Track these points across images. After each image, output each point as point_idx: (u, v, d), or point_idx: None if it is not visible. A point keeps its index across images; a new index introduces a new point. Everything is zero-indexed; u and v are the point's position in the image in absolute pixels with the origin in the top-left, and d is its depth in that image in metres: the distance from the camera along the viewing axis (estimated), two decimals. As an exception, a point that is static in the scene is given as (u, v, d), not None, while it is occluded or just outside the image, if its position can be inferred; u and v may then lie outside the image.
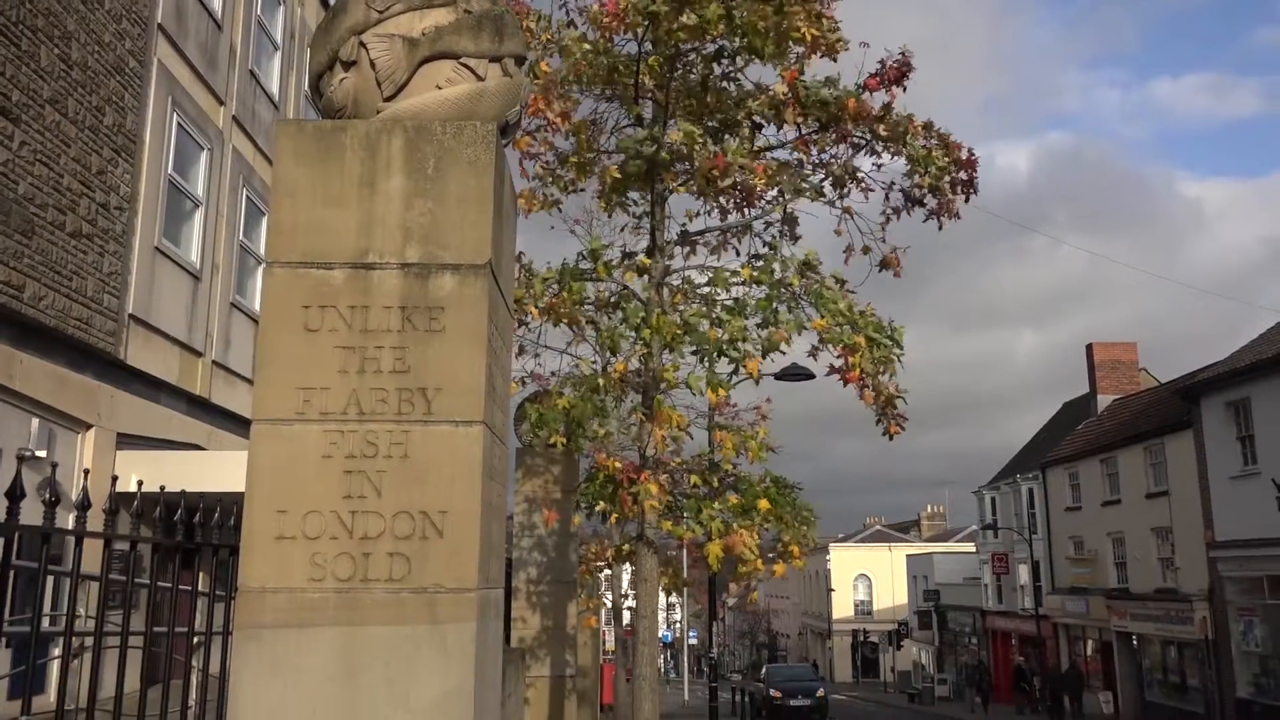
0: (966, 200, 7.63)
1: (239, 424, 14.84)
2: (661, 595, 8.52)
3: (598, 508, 7.73)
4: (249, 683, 3.17)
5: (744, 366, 7.40)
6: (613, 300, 8.50)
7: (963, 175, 7.48)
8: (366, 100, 3.65)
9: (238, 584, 3.23)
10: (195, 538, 3.33)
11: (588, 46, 7.55)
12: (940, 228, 7.78)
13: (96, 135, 10.82)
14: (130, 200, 11.62)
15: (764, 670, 38.99)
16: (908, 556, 63.00)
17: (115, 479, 2.87)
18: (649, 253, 8.38)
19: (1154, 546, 31.81)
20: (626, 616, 24.95)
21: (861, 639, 62.75)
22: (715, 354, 7.28)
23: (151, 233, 12.07)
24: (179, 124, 12.74)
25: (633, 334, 7.70)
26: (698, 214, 8.44)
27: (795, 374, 18.00)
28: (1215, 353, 31.02)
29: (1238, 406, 27.18)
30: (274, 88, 16.43)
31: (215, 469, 11.19)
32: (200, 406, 13.67)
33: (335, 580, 3.23)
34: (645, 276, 8.17)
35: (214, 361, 14.02)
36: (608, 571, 17.87)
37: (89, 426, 10.84)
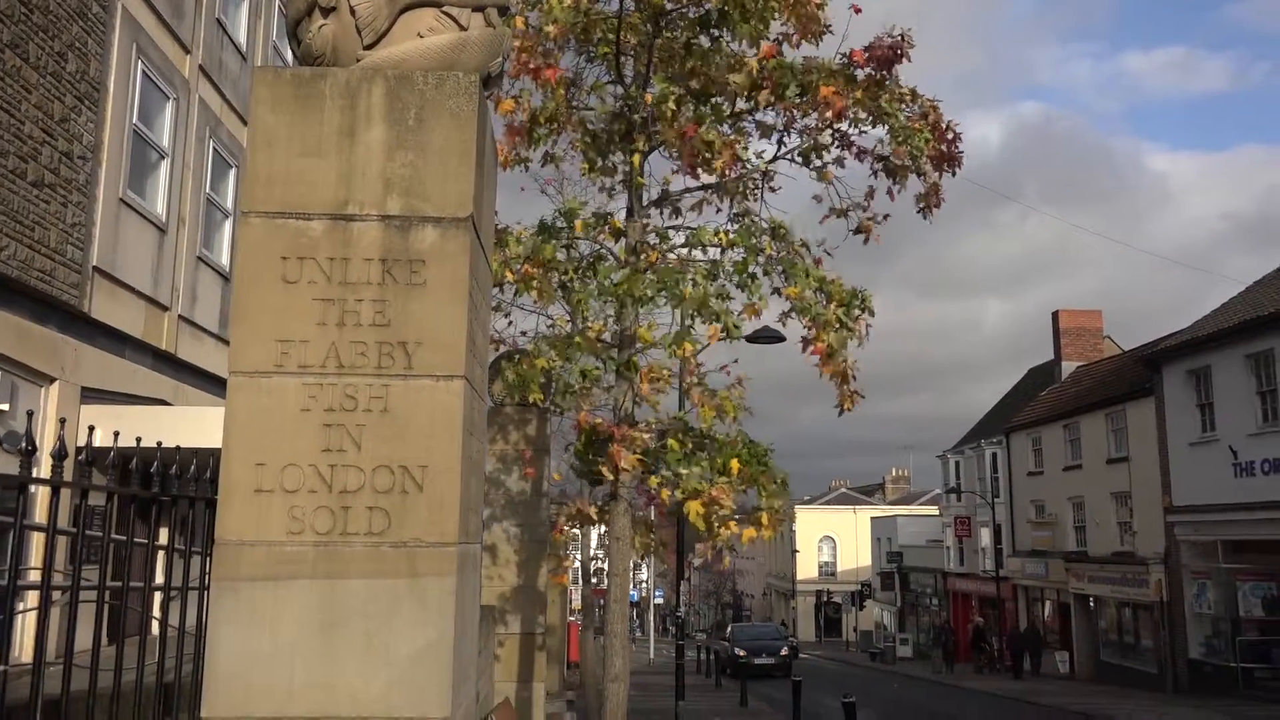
0: (954, 174, 7.63)
1: (206, 380, 14.69)
2: (634, 556, 8.56)
3: (595, 467, 7.70)
4: (227, 635, 3.16)
5: (720, 321, 7.42)
6: (588, 261, 8.45)
7: (943, 149, 7.47)
8: (346, 48, 3.57)
9: (215, 537, 3.21)
10: (172, 490, 3.29)
11: (568, 3, 7.44)
12: (927, 217, 7.79)
13: (59, 82, 10.55)
14: (94, 150, 11.37)
15: (730, 629, 39.50)
16: (872, 519, 63.84)
17: (92, 429, 2.83)
18: (627, 214, 8.34)
19: (1113, 511, 32.43)
20: (594, 578, 25.14)
21: (825, 599, 63.72)
22: (692, 313, 7.29)
23: (116, 184, 11.83)
24: (144, 72, 12.45)
25: (606, 296, 7.68)
26: (675, 172, 8.39)
27: (766, 337, 18.08)
28: (1178, 323, 31.48)
29: (1198, 375, 27.63)
30: (241, 38, 16.09)
31: (182, 424, 11.08)
32: (166, 361, 13.50)
33: (314, 533, 3.21)
34: (622, 240, 8.13)
35: (180, 316, 13.83)
36: (575, 532, 17.97)
37: (52, 380, 10.68)
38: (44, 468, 7.64)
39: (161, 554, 3.63)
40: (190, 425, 10.77)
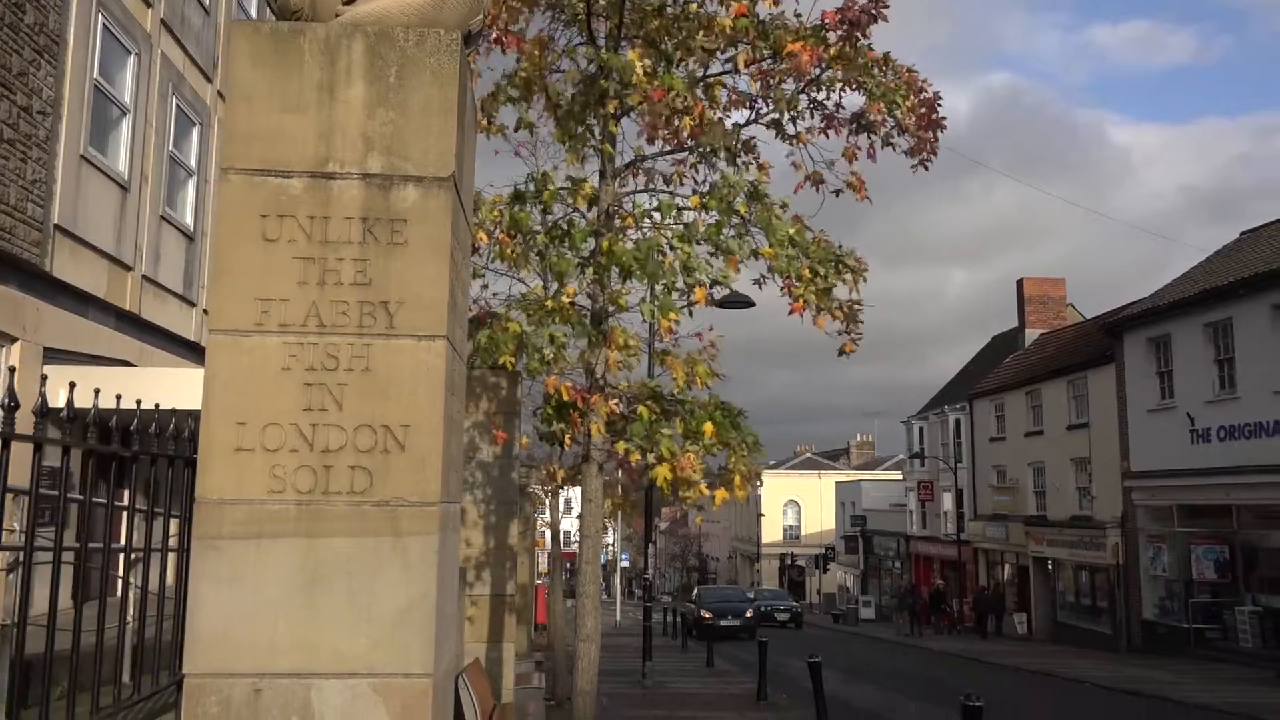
0: (936, 139, 7.64)
1: (171, 341, 14.51)
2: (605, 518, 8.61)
3: (554, 428, 7.74)
4: (208, 593, 3.16)
5: (694, 293, 7.43)
6: (561, 225, 8.41)
7: (924, 111, 7.48)
8: (325, 2, 3.52)
9: (196, 495, 3.20)
10: (151, 448, 3.27)
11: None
12: (915, 168, 7.78)
13: (16, 34, 10.28)
14: (54, 105, 11.11)
15: (696, 592, 39.91)
16: (836, 483, 64.54)
17: (73, 385, 2.80)
18: (599, 178, 8.30)
19: (1072, 476, 33.02)
20: (562, 540, 25.28)
21: (789, 562, 64.48)
22: (670, 283, 7.29)
23: (77, 140, 11.58)
24: (104, 25, 12.16)
25: (581, 259, 7.66)
26: (651, 139, 8.35)
27: (736, 302, 18.13)
28: (1139, 292, 31.97)
29: (1158, 342, 28.08)
30: (205, -9, 15.72)
31: (148, 385, 10.94)
32: (130, 322, 13.31)
33: (296, 492, 3.21)
34: (594, 206, 8.10)
35: (144, 276, 13.62)
36: (543, 497, 18.03)
37: (14, 340, 10.50)
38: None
39: (139, 514, 3.61)
40: (157, 386, 10.64)
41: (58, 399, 3.06)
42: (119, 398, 3.14)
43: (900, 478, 54.06)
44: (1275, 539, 24.12)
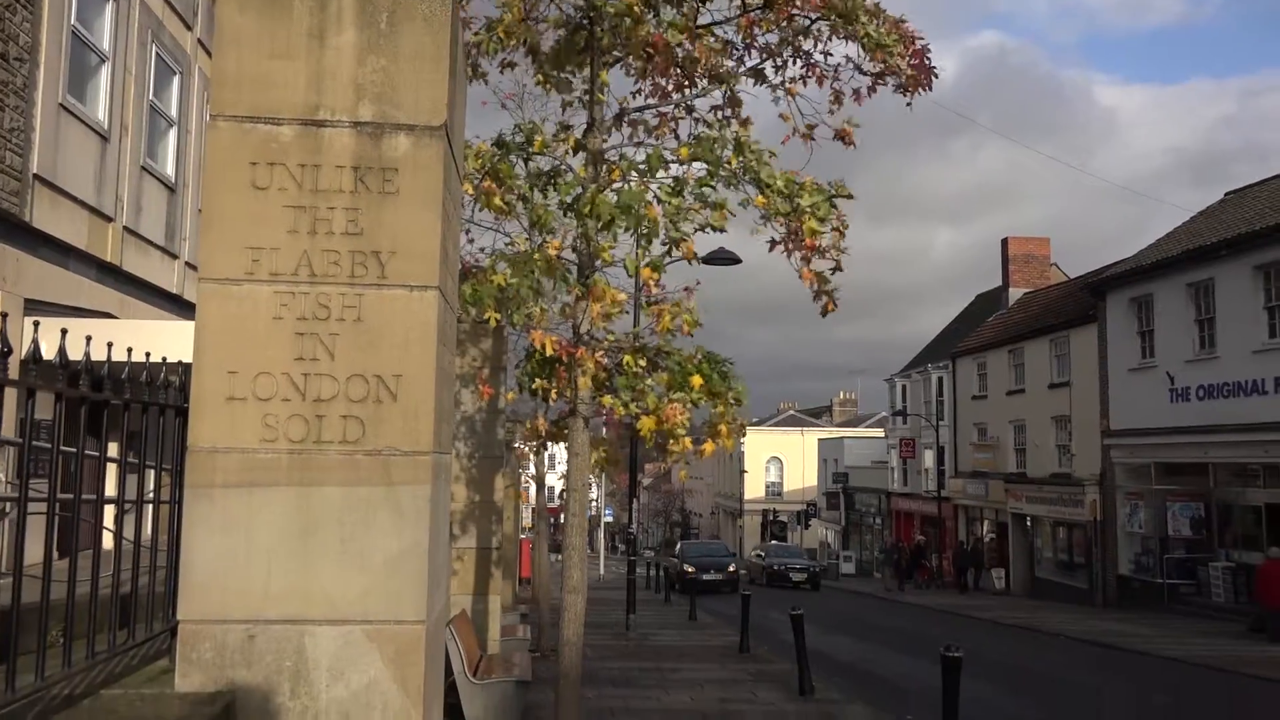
0: (930, 89, 7.58)
1: (152, 293, 14.39)
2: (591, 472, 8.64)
3: (535, 384, 7.74)
4: (202, 541, 3.18)
5: (680, 247, 7.41)
6: (547, 175, 8.36)
7: (914, 63, 7.42)
8: (314, -54, 3.46)
9: (188, 444, 3.20)
10: (142, 397, 3.26)
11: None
12: (909, 103, 7.70)
13: (-8, -22, 10.06)
14: (31, 51, 10.91)
15: (679, 547, 40.26)
16: (819, 440, 64.96)
17: (64, 333, 2.78)
18: (586, 130, 8.23)
19: (1053, 434, 33.35)
20: (547, 495, 25.41)
21: (771, 518, 65.02)
22: (652, 235, 7.25)
23: (55, 88, 11.39)
24: (82, -30, 11.91)
25: (565, 212, 7.61)
26: (637, 90, 8.27)
27: (722, 259, 18.11)
28: (1122, 253, 32.11)
29: (1140, 302, 28.25)
30: (183, -64, 15.40)
31: (132, 337, 10.88)
32: (111, 274, 13.18)
33: (288, 441, 3.22)
34: (582, 153, 8.03)
35: (125, 228, 13.47)
36: (530, 453, 18.09)
37: (-5, 291, 10.40)
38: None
39: (127, 464, 3.61)
40: (141, 338, 10.58)
41: (64, 344, 3.04)
42: (110, 346, 3.13)
43: (882, 435, 54.46)
44: (1249, 496, 24.49)
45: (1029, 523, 35.43)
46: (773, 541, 52.38)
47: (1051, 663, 17.16)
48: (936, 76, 7.47)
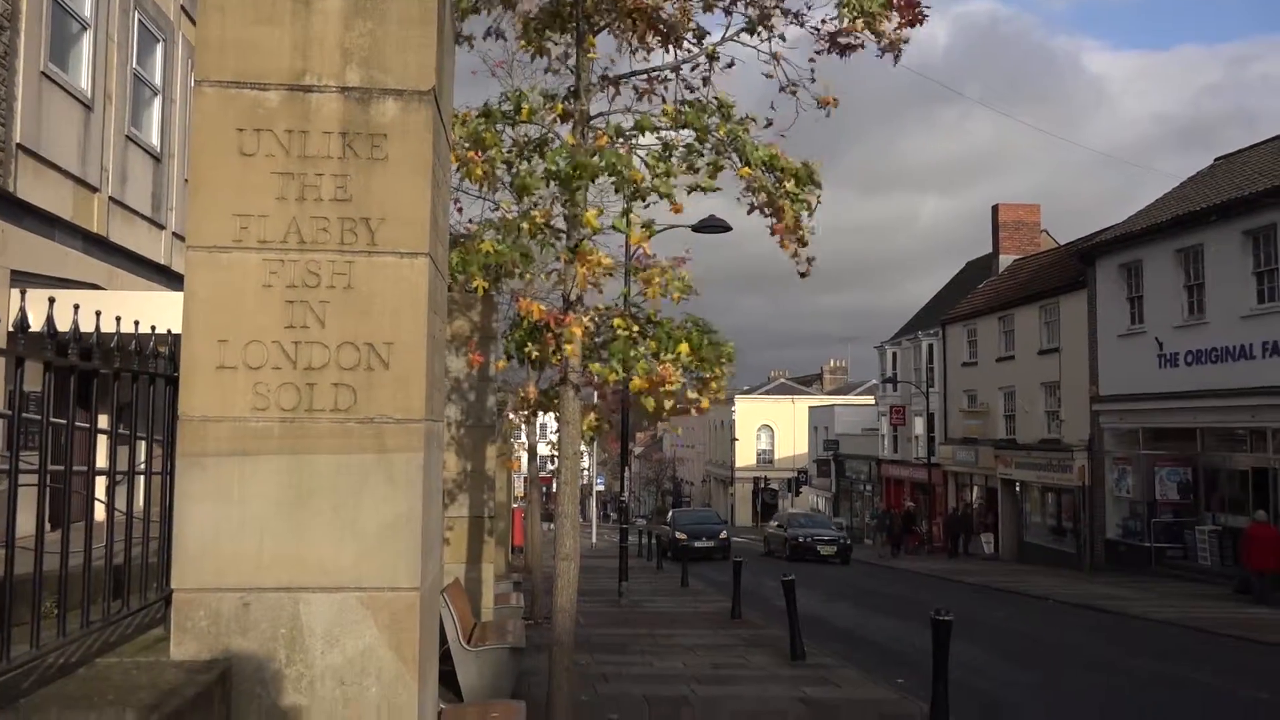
0: (919, 24, 7.47)
1: (140, 264, 14.30)
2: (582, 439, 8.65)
3: (524, 350, 7.73)
4: (194, 510, 3.18)
5: (669, 200, 7.40)
6: (535, 143, 8.30)
7: (898, 18, 7.34)
8: (297, -93, 3.41)
9: (179, 413, 3.19)
10: (132, 366, 3.25)
11: None
12: (895, 62, 7.64)
13: (-30, -57, 9.90)
14: (11, 19, 10.75)
15: (670, 514, 40.43)
16: (809, 408, 65.19)
17: (52, 301, 2.76)
18: (574, 95, 8.16)
19: (1042, 400, 33.51)
20: (538, 464, 25.46)
21: (762, 486, 65.35)
22: (639, 196, 7.24)
23: (37, 56, 11.24)
24: (61, -65, 11.72)
25: (551, 179, 7.57)
26: (623, 54, 8.20)
27: (713, 226, 18.06)
28: (1110, 222, 32.06)
29: (1130, 268, 28.30)
30: (164, -100, 15.15)
31: (120, 307, 10.82)
32: (98, 245, 13.09)
33: (279, 410, 3.21)
34: (570, 122, 7.98)
35: (111, 198, 13.36)
36: (520, 423, 18.11)
37: (-20, 262, 10.32)
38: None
39: (118, 435, 3.60)
40: (129, 308, 10.52)
41: (52, 312, 3.02)
42: (98, 315, 3.11)
43: (873, 402, 54.65)
44: (1236, 461, 24.69)
45: (1018, 488, 35.69)
46: (793, 509, 47.18)
47: (1039, 625, 17.35)
48: (923, 21, 7.35)
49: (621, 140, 7.90)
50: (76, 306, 2.94)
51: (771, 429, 71.64)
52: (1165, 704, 10.62)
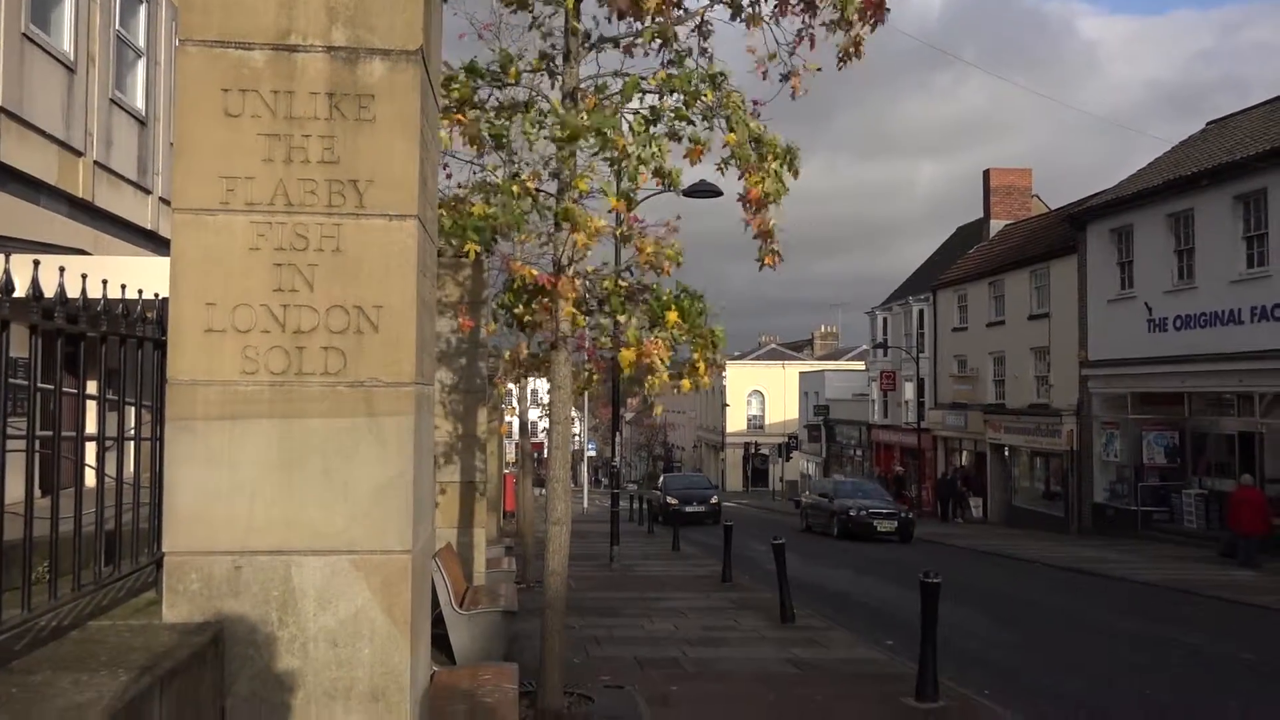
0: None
1: (127, 230, 14.19)
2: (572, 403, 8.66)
3: (516, 312, 7.72)
4: (185, 474, 3.17)
5: (660, 172, 7.37)
6: (522, 105, 8.23)
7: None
8: None
9: (167, 377, 3.18)
10: (119, 329, 3.22)
11: None
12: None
13: (-53, -99, 9.71)
14: (-9, -21, 10.58)
15: (661, 480, 40.60)
16: (800, 374, 65.31)
17: (37, 263, 2.73)
18: (563, 59, 8.09)
19: (1032, 365, 33.63)
20: (529, 430, 25.59)
21: (753, 451, 65.65)
22: (627, 164, 7.20)
23: (17, 16, 11.07)
24: (40, -107, 11.51)
25: (536, 135, 7.52)
26: (612, 22, 8.11)
27: (703, 191, 17.96)
28: (1102, 186, 32.00)
29: (1120, 233, 28.31)
30: None
31: (108, 272, 10.75)
32: (84, 210, 12.97)
33: (269, 373, 3.20)
34: (557, 85, 7.91)
35: (96, 162, 13.22)
36: (511, 386, 18.12)
37: (-36, 227, 10.22)
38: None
39: (106, 400, 3.59)
40: (117, 273, 10.45)
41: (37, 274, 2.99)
42: (84, 277, 3.08)
43: (863, 368, 54.79)
44: (1223, 425, 24.86)
45: (1007, 453, 35.91)
46: (835, 477, 40.38)
47: (1027, 587, 17.53)
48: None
49: (609, 102, 7.84)
50: (62, 269, 2.91)
51: (762, 394, 71.81)
52: (1149, 663, 10.77)
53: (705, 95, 7.57)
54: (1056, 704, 8.95)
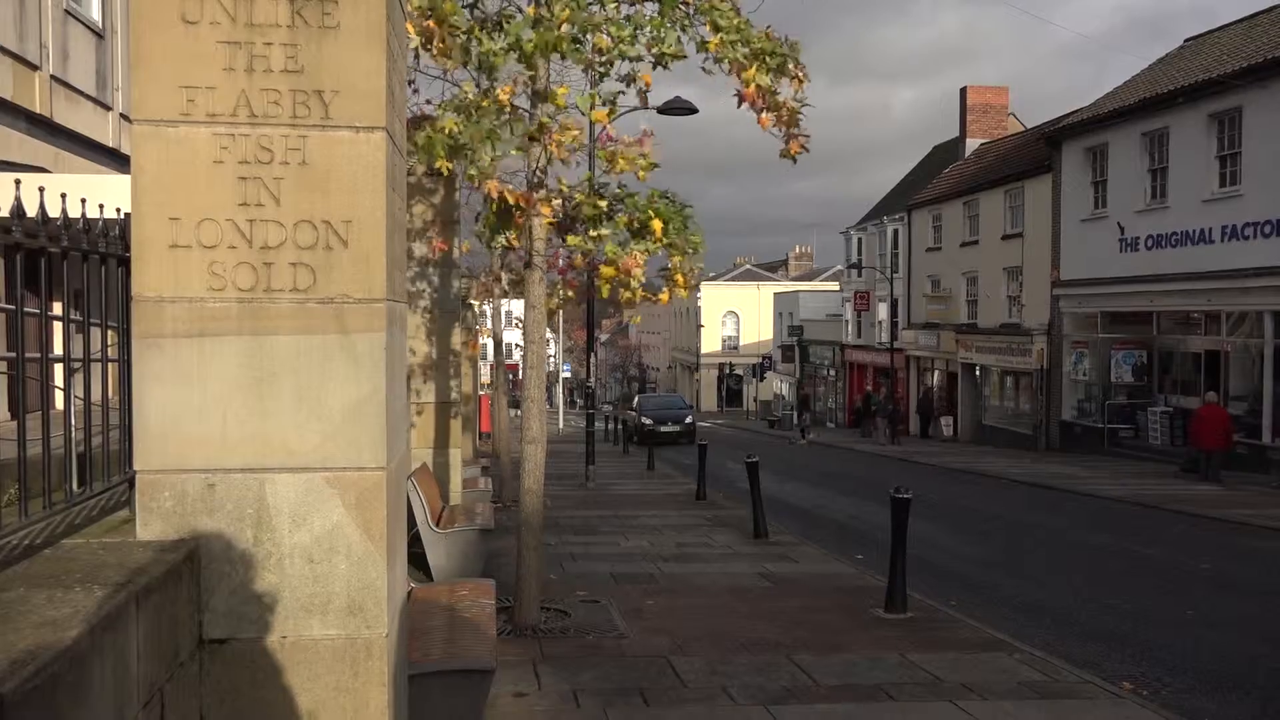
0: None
1: (87, 147, 13.84)
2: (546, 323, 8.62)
3: (498, 238, 7.61)
4: (155, 391, 3.13)
5: (635, 82, 7.23)
6: (495, 20, 8.01)
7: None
8: None
9: (133, 294, 3.12)
10: (81, 245, 3.15)
11: None
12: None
13: None
14: (-67, -119, 10.11)
15: (636, 400, 40.83)
16: (775, 294, 65.39)
17: (18, 183, 2.65)
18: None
19: (1004, 285, 33.81)
20: (505, 350, 25.53)
21: (727, 372, 66.00)
22: (605, 67, 7.06)
23: (-36, -78, 10.62)
24: None
25: (512, 50, 7.34)
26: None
27: (678, 108, 17.70)
28: (1078, 107, 31.75)
29: (1095, 152, 28.25)
30: None
31: (68, 189, 10.50)
32: (42, 126, 12.62)
33: (237, 290, 3.15)
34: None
35: (53, 76, 12.83)
36: (486, 307, 18.02)
37: (-81, 144, 9.93)
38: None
39: (72, 321, 3.53)
40: (76, 190, 10.22)
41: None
42: (42, 190, 2.99)
43: (838, 288, 54.89)
44: (1190, 344, 25.19)
45: (978, 372, 36.30)
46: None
47: (992, 502, 17.89)
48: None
49: (585, 16, 7.65)
50: (18, 182, 2.82)
51: (737, 315, 71.96)
52: (1111, 573, 11.07)
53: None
54: (1022, 613, 9.20)
